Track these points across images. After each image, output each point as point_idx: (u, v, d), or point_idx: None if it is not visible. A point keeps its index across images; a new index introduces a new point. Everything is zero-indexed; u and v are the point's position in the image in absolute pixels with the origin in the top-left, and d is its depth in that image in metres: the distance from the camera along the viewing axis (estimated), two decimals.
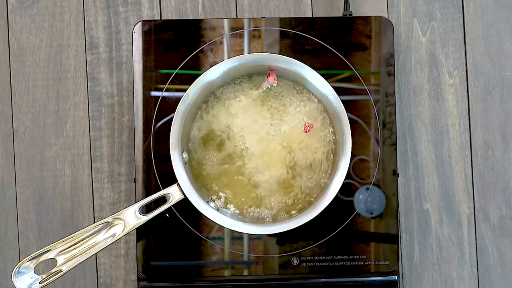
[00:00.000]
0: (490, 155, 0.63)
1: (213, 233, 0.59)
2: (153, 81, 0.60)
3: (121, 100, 0.64)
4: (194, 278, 0.59)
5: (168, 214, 0.59)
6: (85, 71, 0.65)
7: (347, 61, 0.60)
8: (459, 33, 0.64)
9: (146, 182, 0.59)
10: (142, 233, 0.59)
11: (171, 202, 0.55)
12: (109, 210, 0.64)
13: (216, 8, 0.65)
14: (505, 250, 0.63)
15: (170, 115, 0.59)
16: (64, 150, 0.64)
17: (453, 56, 0.64)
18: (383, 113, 0.60)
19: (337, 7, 0.64)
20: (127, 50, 0.64)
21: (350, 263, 0.59)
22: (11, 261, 0.64)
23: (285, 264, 0.59)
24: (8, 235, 0.64)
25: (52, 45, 0.65)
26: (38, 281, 0.51)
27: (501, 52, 0.64)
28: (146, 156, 0.59)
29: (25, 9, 0.65)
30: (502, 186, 0.63)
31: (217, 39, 0.60)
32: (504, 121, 0.64)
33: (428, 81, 0.64)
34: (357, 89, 0.60)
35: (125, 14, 0.65)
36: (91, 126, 0.64)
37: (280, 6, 0.65)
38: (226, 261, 0.59)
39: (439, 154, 0.63)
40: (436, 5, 0.64)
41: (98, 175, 0.64)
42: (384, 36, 0.60)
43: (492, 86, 0.64)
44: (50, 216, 0.64)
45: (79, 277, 0.63)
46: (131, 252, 0.63)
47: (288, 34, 0.60)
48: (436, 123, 0.64)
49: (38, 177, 0.64)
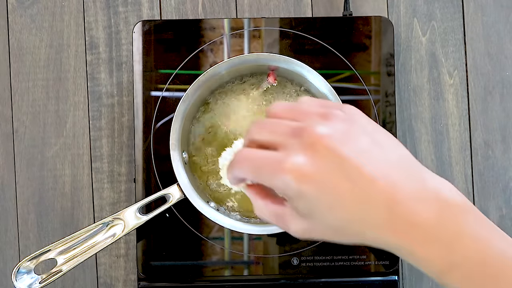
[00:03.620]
0: (490, 155, 0.63)
1: (213, 233, 0.59)
2: (153, 81, 0.60)
3: (121, 100, 0.64)
4: (194, 278, 0.59)
5: (168, 214, 0.59)
6: (85, 71, 0.65)
7: (347, 61, 0.60)
8: (459, 33, 0.64)
9: (146, 182, 0.59)
10: (142, 233, 0.59)
11: (171, 202, 0.55)
12: (109, 210, 0.64)
13: (216, 8, 0.65)
14: None
15: (170, 115, 0.59)
16: (64, 150, 0.64)
17: (453, 56, 0.64)
18: (383, 113, 0.60)
19: (337, 7, 0.64)
20: (127, 50, 0.64)
21: (350, 263, 0.59)
22: (11, 261, 0.64)
23: (285, 264, 0.59)
24: (8, 235, 0.64)
25: (52, 45, 0.65)
26: (38, 281, 0.51)
27: (501, 52, 0.64)
28: (146, 156, 0.59)
29: (25, 9, 0.65)
30: (502, 186, 0.63)
31: (217, 39, 0.60)
32: (504, 121, 0.64)
33: (428, 81, 0.64)
34: (357, 89, 0.60)
35: (125, 14, 0.65)
36: (91, 126, 0.64)
37: (280, 6, 0.65)
38: (226, 261, 0.59)
39: (439, 154, 0.63)
40: (436, 5, 0.64)
41: (98, 175, 0.64)
42: (384, 36, 0.60)
43: (492, 86, 0.64)
44: (50, 216, 0.64)
45: (79, 277, 0.63)
46: (131, 252, 0.63)
47: (288, 34, 0.60)
48: (436, 123, 0.64)
49: (38, 177, 0.64)
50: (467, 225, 0.35)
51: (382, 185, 0.35)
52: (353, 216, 0.36)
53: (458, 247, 0.35)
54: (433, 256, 0.35)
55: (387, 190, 0.35)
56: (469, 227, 0.35)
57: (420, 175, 0.36)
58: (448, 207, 0.35)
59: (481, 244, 0.35)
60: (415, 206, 0.35)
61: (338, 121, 0.37)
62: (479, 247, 0.35)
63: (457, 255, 0.35)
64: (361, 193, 0.35)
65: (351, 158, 0.35)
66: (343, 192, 0.35)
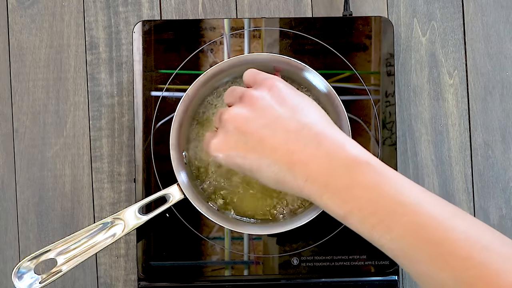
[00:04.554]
0: (490, 155, 0.63)
1: (213, 233, 0.59)
2: (153, 81, 0.60)
3: (121, 100, 0.64)
4: (194, 278, 0.59)
5: (168, 214, 0.59)
6: (85, 71, 0.65)
7: (347, 61, 0.60)
8: (459, 33, 0.64)
9: (146, 182, 0.59)
10: (142, 233, 0.59)
11: (171, 202, 0.55)
12: (109, 210, 0.64)
13: (216, 8, 0.65)
14: None
15: (170, 115, 0.59)
16: (64, 150, 0.64)
17: (453, 56, 0.64)
18: (383, 113, 0.60)
19: (337, 7, 0.64)
20: (127, 50, 0.64)
21: (350, 263, 0.59)
22: (11, 261, 0.64)
23: (285, 264, 0.59)
24: (8, 235, 0.64)
25: (52, 45, 0.65)
26: (38, 281, 0.51)
27: (501, 52, 0.64)
28: (146, 156, 0.59)
29: (25, 9, 0.65)
30: (502, 186, 0.63)
31: (217, 39, 0.60)
32: (504, 121, 0.64)
33: (428, 81, 0.64)
34: (357, 89, 0.60)
35: (125, 14, 0.65)
36: (91, 126, 0.64)
37: (280, 6, 0.65)
38: (226, 261, 0.59)
39: (439, 154, 0.63)
40: (436, 5, 0.64)
41: (98, 175, 0.64)
42: (384, 36, 0.60)
43: (492, 86, 0.64)
44: (50, 216, 0.64)
45: (79, 277, 0.63)
46: (131, 252, 0.63)
47: (288, 34, 0.60)
48: (436, 123, 0.64)
49: (38, 177, 0.64)
50: (359, 176, 0.41)
51: (282, 153, 0.44)
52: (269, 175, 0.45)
53: (349, 197, 0.42)
54: (330, 205, 0.43)
55: (286, 155, 0.44)
56: (361, 178, 0.41)
57: (317, 139, 0.44)
58: (339, 163, 0.42)
59: (372, 193, 0.41)
60: (309, 165, 0.43)
61: (251, 100, 0.46)
62: (369, 195, 0.41)
63: (350, 204, 0.42)
64: (266, 160, 0.45)
65: (253, 133, 0.45)
66: (251, 161, 0.45)
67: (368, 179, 0.41)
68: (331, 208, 0.43)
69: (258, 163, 0.45)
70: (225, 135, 0.46)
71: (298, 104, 0.46)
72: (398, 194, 0.40)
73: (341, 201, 0.42)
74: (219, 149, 0.47)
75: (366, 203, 0.41)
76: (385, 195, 0.40)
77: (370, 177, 0.41)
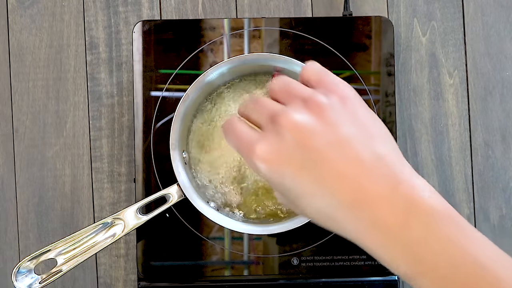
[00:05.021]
0: (490, 155, 0.63)
1: (213, 233, 0.59)
2: (153, 81, 0.60)
3: (121, 100, 0.64)
4: (194, 278, 0.59)
5: (168, 214, 0.59)
6: (85, 71, 0.65)
7: (347, 61, 0.60)
8: (459, 33, 0.64)
9: (146, 182, 0.59)
10: (142, 233, 0.59)
11: (171, 202, 0.55)
12: (109, 210, 0.64)
13: (216, 8, 0.65)
14: (505, 250, 0.62)
15: (170, 115, 0.59)
16: (64, 150, 0.64)
17: (453, 56, 0.64)
18: (383, 113, 0.60)
19: (337, 7, 0.64)
20: (127, 50, 0.64)
21: (350, 263, 0.59)
22: (11, 261, 0.64)
23: (285, 264, 0.59)
24: (8, 235, 0.64)
25: (52, 45, 0.65)
26: (38, 281, 0.51)
27: (501, 52, 0.64)
28: (146, 156, 0.59)
29: (25, 9, 0.65)
30: (502, 186, 0.63)
31: (217, 39, 0.60)
32: (504, 121, 0.64)
33: (428, 81, 0.64)
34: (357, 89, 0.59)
35: (125, 14, 0.65)
36: (91, 126, 0.64)
37: (280, 6, 0.65)
38: (226, 261, 0.59)
39: (439, 154, 0.63)
40: (436, 5, 0.64)
41: (98, 175, 0.64)
42: (384, 36, 0.60)
43: (492, 86, 0.64)
44: (50, 216, 0.64)
45: (79, 277, 0.63)
46: (131, 252, 0.63)
47: (288, 34, 0.60)
48: (436, 123, 0.64)
49: (38, 177, 0.64)
50: (437, 229, 0.34)
51: (348, 185, 0.34)
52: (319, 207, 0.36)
53: (424, 252, 0.34)
54: (396, 260, 0.34)
55: (353, 190, 0.34)
56: (440, 232, 0.34)
57: (395, 178, 0.35)
58: (417, 212, 0.34)
59: (452, 250, 0.33)
60: (380, 209, 0.34)
61: (319, 108, 0.35)
62: (449, 252, 0.33)
63: (423, 261, 0.34)
64: (324, 188, 0.35)
65: (317, 151, 0.34)
66: (302, 185, 0.35)
67: (448, 233, 0.34)
68: (395, 264, 0.35)
69: (310, 190, 0.35)
70: (279, 143, 0.35)
71: (373, 125, 0.37)
72: (479, 255, 0.34)
73: (412, 259, 0.34)
74: (267, 159, 0.35)
75: (442, 264, 0.33)
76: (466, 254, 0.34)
77: (451, 231, 0.34)
